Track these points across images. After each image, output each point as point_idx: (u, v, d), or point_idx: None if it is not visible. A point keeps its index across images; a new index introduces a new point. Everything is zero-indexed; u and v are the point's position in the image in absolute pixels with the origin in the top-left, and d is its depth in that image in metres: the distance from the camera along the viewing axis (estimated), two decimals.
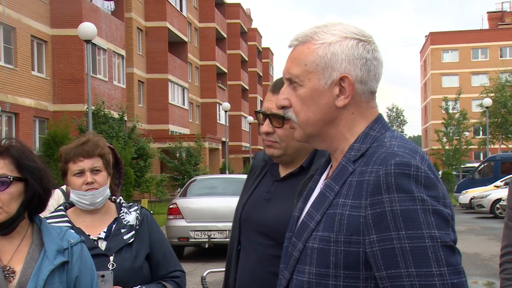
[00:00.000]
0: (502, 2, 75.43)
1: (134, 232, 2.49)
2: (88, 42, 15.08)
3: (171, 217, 11.63)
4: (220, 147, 39.25)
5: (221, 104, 40.08)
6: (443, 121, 37.68)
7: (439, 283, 1.25)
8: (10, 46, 21.14)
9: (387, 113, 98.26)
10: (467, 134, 39.17)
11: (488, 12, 76.22)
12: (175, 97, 36.65)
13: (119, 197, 2.65)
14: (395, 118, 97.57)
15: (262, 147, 57.71)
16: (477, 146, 42.92)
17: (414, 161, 1.32)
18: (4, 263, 1.89)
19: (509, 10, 74.85)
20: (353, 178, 1.36)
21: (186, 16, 39.21)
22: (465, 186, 26.81)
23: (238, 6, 54.97)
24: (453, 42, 66.34)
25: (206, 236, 11.36)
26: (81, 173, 2.46)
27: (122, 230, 2.49)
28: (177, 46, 37.34)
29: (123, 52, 28.57)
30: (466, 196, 24.25)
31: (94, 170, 2.47)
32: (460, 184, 28.60)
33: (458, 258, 1.29)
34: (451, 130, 36.80)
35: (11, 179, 1.88)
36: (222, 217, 11.02)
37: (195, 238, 11.41)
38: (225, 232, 11.15)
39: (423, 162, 1.34)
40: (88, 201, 2.46)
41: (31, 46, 22.36)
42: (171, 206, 11.82)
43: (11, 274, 1.87)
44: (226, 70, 49.16)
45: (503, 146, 45.03)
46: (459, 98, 38.42)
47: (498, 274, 8.82)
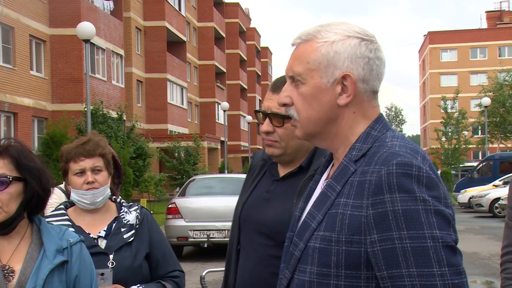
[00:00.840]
0: (501, 2, 75.49)
1: (134, 231, 2.50)
2: (86, 41, 15.08)
3: (170, 216, 11.63)
4: (219, 147, 39.26)
5: (220, 103, 40.10)
6: (442, 120, 37.71)
7: (440, 283, 1.25)
8: (9, 46, 21.13)
9: (386, 112, 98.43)
10: (466, 133, 39.20)
11: (486, 11, 76.31)
12: (174, 96, 36.64)
13: (119, 196, 2.66)
14: (394, 117, 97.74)
15: (261, 147, 57.73)
16: (475, 146, 42.98)
17: (415, 161, 1.32)
18: (3, 263, 1.89)
19: (507, 9, 74.92)
20: (354, 178, 1.36)
21: (184, 15, 39.21)
22: (464, 185, 26.84)
23: (237, 5, 54.97)
24: (451, 42, 66.39)
25: (205, 235, 11.36)
26: (82, 172, 2.47)
27: (122, 229, 2.50)
28: (175, 45, 37.34)
29: (122, 51, 28.57)
30: (465, 195, 24.27)
31: (95, 170, 2.48)
32: (459, 183, 28.63)
33: (459, 258, 1.29)
34: (450, 130, 36.83)
35: (11, 179, 1.88)
36: (221, 216, 11.02)
37: (194, 238, 11.41)
38: (224, 231, 11.15)
39: (425, 162, 1.34)
40: (88, 200, 2.47)
41: (30, 45, 22.35)
42: (170, 206, 11.81)
43: (11, 274, 1.88)
44: (224, 70, 49.16)
45: (502, 145, 45.07)
46: (458, 97, 38.46)
47: (497, 274, 8.88)
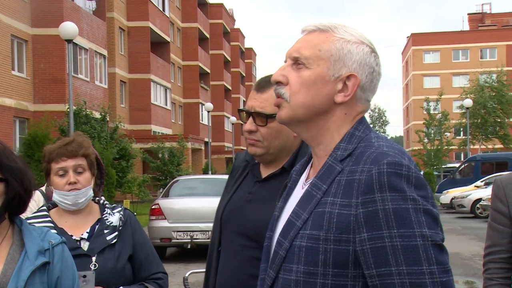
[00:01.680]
0: (482, 4, 76.31)
1: (117, 233, 2.49)
2: (69, 41, 14.98)
3: (153, 217, 11.59)
4: (203, 148, 39.20)
5: (204, 104, 40.00)
6: (425, 121, 38.03)
7: (429, 281, 1.27)
8: None
9: (370, 113, 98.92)
10: (448, 134, 39.55)
11: (468, 13, 77.05)
12: (158, 97, 36.52)
13: (102, 198, 2.65)
14: (377, 118, 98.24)
15: (245, 148, 57.52)
16: (457, 147, 43.36)
17: (404, 161, 1.34)
18: None
19: (489, 11, 75.72)
20: (341, 177, 1.37)
21: (168, 16, 39.10)
22: (446, 186, 27.10)
23: (221, 6, 54.95)
24: (434, 43, 66.96)
25: (189, 236, 11.34)
26: (64, 173, 2.45)
27: (105, 231, 2.48)
28: (159, 46, 37.22)
29: (105, 52, 28.41)
30: (447, 196, 24.50)
31: (78, 170, 2.46)
32: (441, 184, 28.90)
33: (446, 257, 1.32)
34: (433, 131, 37.13)
35: None
36: (205, 217, 11.00)
37: (178, 239, 11.39)
38: (207, 232, 11.13)
39: (411, 163, 1.36)
40: (70, 201, 2.45)
41: (11, 45, 22.14)
42: (153, 207, 11.77)
43: None
44: (209, 70, 49.10)
45: (483, 147, 45.54)
46: (441, 99, 38.80)
47: (479, 274, 8.99)
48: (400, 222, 1.28)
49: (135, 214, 2.79)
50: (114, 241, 2.47)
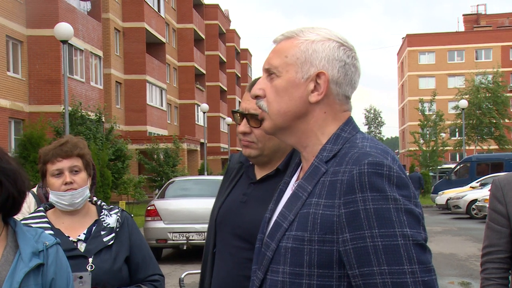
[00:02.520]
0: (477, 5, 76.53)
1: (114, 234, 2.49)
2: (64, 42, 14.96)
3: (149, 218, 11.57)
4: (198, 149, 39.18)
5: (199, 105, 40.02)
6: (420, 122, 38.11)
7: (411, 281, 1.28)
8: None
9: (365, 114, 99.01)
10: (444, 135, 39.64)
11: (463, 14, 77.31)
12: (153, 98, 36.48)
13: (99, 199, 2.64)
14: (373, 119, 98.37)
15: (240, 149, 57.60)
16: (453, 148, 43.48)
17: (386, 161, 1.34)
18: None
19: (484, 13, 75.94)
20: (326, 178, 1.38)
21: (164, 17, 39.07)
22: (441, 187, 27.14)
23: (217, 7, 54.95)
24: (429, 44, 67.12)
25: (184, 237, 11.32)
26: (59, 173, 2.45)
27: (102, 232, 2.48)
28: (155, 47, 37.20)
29: (100, 52, 28.37)
30: (443, 197, 24.53)
31: (73, 170, 2.46)
32: (436, 185, 28.93)
33: (428, 256, 1.32)
34: (428, 132, 37.21)
35: None
36: (201, 218, 10.99)
37: (173, 240, 11.37)
38: (203, 233, 11.12)
39: (394, 163, 1.36)
40: (67, 201, 2.45)
41: (6, 46, 22.08)
42: (149, 208, 11.76)
43: None
44: (204, 71, 49.09)
45: (479, 148, 45.65)
46: (435, 99, 38.88)
47: (474, 274, 8.99)
48: (381, 222, 1.29)
49: (132, 216, 2.78)
50: (111, 242, 2.47)
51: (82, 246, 2.44)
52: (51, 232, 2.36)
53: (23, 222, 2.38)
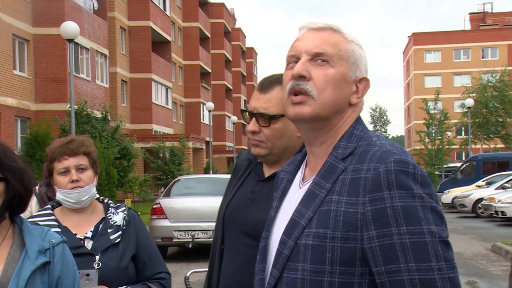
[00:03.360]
0: (484, 3, 76.22)
1: (120, 232, 2.49)
2: (70, 41, 14.98)
3: (155, 217, 11.59)
4: (204, 147, 39.20)
5: (205, 104, 39.99)
6: (425, 121, 38.02)
7: (438, 277, 1.29)
8: None
9: (371, 113, 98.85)
10: (449, 134, 39.53)
11: (470, 13, 77.01)
12: (159, 96, 36.52)
13: (105, 197, 2.65)
14: (379, 118, 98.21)
15: (246, 147, 57.73)
16: (459, 146, 43.34)
17: (410, 159, 1.36)
18: None
19: (490, 11, 75.63)
20: (345, 176, 1.38)
21: (169, 15, 39.10)
22: (447, 185, 27.06)
23: (222, 5, 54.93)
24: (435, 43, 66.91)
25: (190, 236, 11.33)
26: (66, 171, 2.46)
27: (109, 230, 2.48)
28: (160, 45, 37.22)
29: (106, 51, 28.42)
30: (449, 195, 24.46)
31: (80, 168, 2.47)
32: (442, 183, 28.85)
33: (452, 253, 1.34)
34: (433, 130, 37.11)
35: None
36: (206, 217, 11.00)
37: (179, 238, 11.38)
38: (209, 232, 11.13)
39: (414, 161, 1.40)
40: (74, 199, 2.46)
41: (13, 45, 22.14)
42: (155, 206, 11.77)
43: None
44: (210, 70, 49.10)
45: (485, 146, 45.50)
46: (439, 98, 38.76)
47: (480, 273, 8.94)
48: (408, 219, 1.30)
49: (139, 214, 2.79)
50: (118, 240, 2.47)
51: (89, 244, 2.44)
52: (58, 229, 2.36)
53: (31, 220, 2.39)
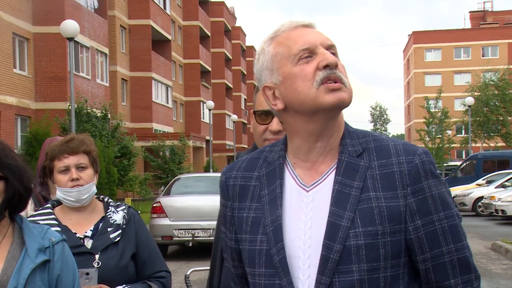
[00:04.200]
0: (484, 2, 76.22)
1: (120, 231, 2.49)
2: (70, 39, 14.98)
3: (155, 215, 11.60)
4: (204, 146, 39.20)
5: (205, 102, 40.02)
6: (425, 120, 38.02)
7: (468, 254, 1.44)
8: None
9: (371, 112, 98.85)
10: (450, 132, 39.52)
11: (470, 11, 76.98)
12: (159, 95, 36.53)
13: (105, 196, 2.65)
14: (379, 116, 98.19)
15: (246, 146, 57.70)
16: (459, 145, 43.34)
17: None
18: None
19: (490, 9, 75.60)
20: (374, 172, 1.41)
21: (169, 14, 39.09)
22: (447, 184, 27.05)
23: (222, 4, 54.92)
24: (435, 41, 66.91)
25: (190, 234, 11.34)
26: (66, 170, 2.46)
27: (109, 229, 2.48)
28: (160, 44, 37.22)
29: (106, 50, 28.42)
30: None
31: (80, 167, 2.46)
32: None
33: None
34: (433, 129, 37.11)
35: None
36: (206, 215, 11.00)
37: (179, 237, 11.39)
38: (209, 230, 11.14)
39: None
40: (73, 197, 2.45)
41: (13, 43, 22.15)
42: (155, 205, 11.78)
43: None
44: (210, 69, 49.10)
45: (485, 145, 45.49)
46: (440, 97, 38.75)
47: (480, 271, 8.91)
48: (444, 205, 1.42)
49: (139, 212, 2.78)
50: (118, 239, 2.47)
51: (89, 243, 2.44)
52: (58, 228, 2.36)
53: (31, 219, 2.39)
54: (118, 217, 2.52)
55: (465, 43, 66.28)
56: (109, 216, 2.52)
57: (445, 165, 36.44)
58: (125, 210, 2.55)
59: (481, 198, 20.48)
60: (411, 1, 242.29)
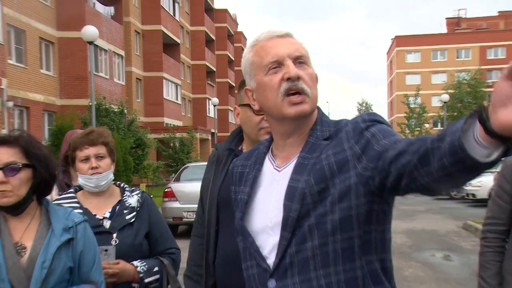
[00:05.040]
0: (459, 9, 76.03)
1: (135, 213, 2.51)
2: (90, 43, 14.94)
3: (166, 199, 11.63)
4: (209, 138, 39.21)
5: (210, 99, 39.95)
6: (405, 114, 37.99)
7: (400, 137, 1.37)
8: (21, 47, 20.89)
9: (357, 107, 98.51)
10: (427, 125, 39.46)
11: (446, 18, 76.70)
12: (169, 93, 36.47)
13: (122, 182, 2.67)
14: (365, 112, 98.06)
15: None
16: None
17: None
18: (16, 240, 1.90)
19: (464, 16, 75.44)
20: (329, 145, 1.43)
21: (178, 20, 38.95)
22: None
23: (225, 11, 54.71)
24: (415, 45, 66.73)
25: None
26: (86, 159, 2.47)
27: (125, 211, 2.50)
28: (171, 47, 37.12)
29: (122, 52, 28.34)
30: None
31: (98, 157, 2.48)
32: None
33: None
34: (413, 123, 37.07)
35: (20, 166, 1.89)
36: None
37: (188, 218, 11.42)
38: None
39: None
40: (93, 184, 2.47)
41: (40, 47, 22.10)
42: (166, 190, 11.80)
43: (23, 250, 1.88)
44: (214, 69, 48.99)
45: None
46: (419, 94, 38.68)
47: (453, 248, 8.98)
48: (384, 134, 1.36)
49: (152, 196, 2.80)
50: (133, 220, 2.48)
51: (107, 223, 2.46)
52: (80, 211, 2.38)
53: (56, 202, 2.41)
54: (133, 200, 2.53)
55: (441, 46, 66.10)
56: (125, 200, 2.53)
57: None
58: (139, 195, 2.57)
59: None
60: (394, 7, 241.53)
